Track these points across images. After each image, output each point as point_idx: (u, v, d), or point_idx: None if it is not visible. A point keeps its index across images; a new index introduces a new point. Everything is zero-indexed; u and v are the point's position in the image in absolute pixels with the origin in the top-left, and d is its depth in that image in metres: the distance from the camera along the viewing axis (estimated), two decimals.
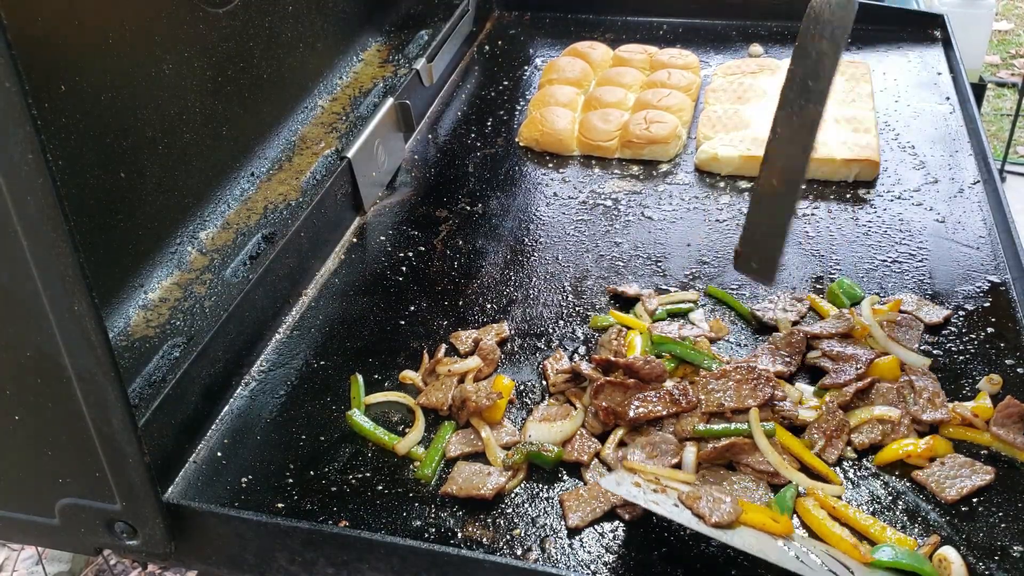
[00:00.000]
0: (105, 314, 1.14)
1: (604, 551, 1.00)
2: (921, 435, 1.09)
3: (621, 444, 1.11)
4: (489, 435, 1.12)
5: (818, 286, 1.34)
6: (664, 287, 1.36)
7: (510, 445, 1.11)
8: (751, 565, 0.97)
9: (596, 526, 1.02)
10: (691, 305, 1.32)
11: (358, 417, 1.15)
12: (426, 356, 1.25)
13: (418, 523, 1.04)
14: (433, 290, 1.39)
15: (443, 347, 1.26)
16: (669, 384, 1.15)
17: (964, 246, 1.40)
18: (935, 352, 1.22)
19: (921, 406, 1.11)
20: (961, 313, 1.28)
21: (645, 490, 0.98)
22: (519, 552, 1.00)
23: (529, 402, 1.19)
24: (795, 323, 1.27)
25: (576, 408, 1.15)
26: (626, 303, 1.34)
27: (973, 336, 1.24)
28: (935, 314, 1.26)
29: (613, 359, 1.15)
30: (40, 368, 0.86)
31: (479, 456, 1.11)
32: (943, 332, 1.25)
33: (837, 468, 1.07)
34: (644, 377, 1.13)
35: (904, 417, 1.10)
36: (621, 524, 1.02)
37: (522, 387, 1.21)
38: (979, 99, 1.80)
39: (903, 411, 1.11)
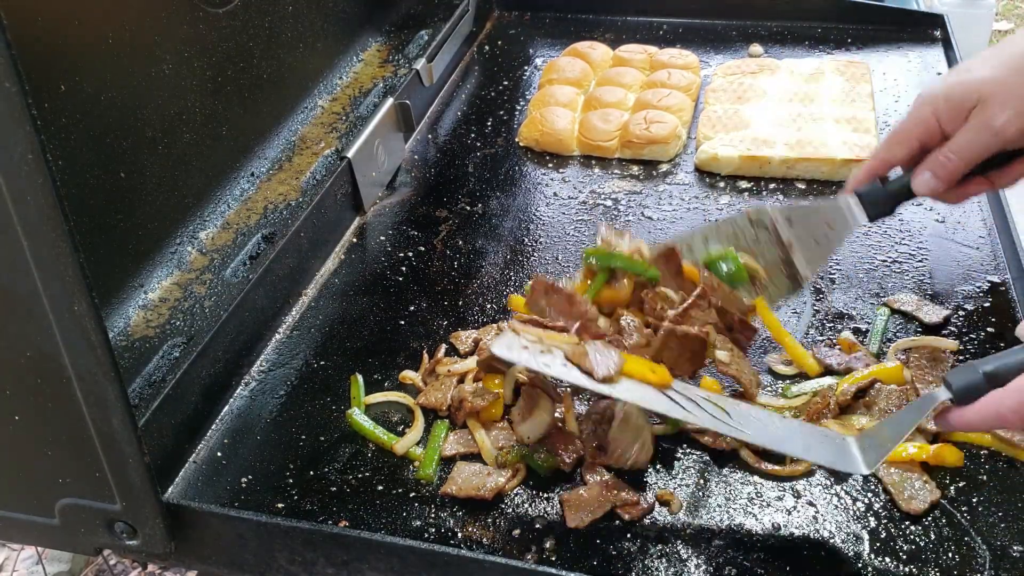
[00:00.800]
0: (105, 314, 1.14)
1: (604, 551, 1.00)
2: (931, 440, 1.09)
3: None
4: (483, 436, 1.12)
5: (818, 286, 1.35)
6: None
7: (506, 446, 1.11)
8: (750, 565, 0.97)
9: (596, 525, 1.02)
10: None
11: (358, 416, 1.15)
12: (426, 356, 1.25)
13: (418, 523, 1.04)
14: (433, 290, 1.39)
15: (443, 347, 1.26)
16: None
17: (964, 246, 1.40)
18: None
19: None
20: (961, 313, 1.28)
21: (533, 353, 0.98)
22: (519, 552, 1.00)
23: None
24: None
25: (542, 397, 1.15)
26: None
27: (973, 336, 1.24)
28: (935, 314, 1.26)
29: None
30: (40, 368, 0.86)
31: (478, 456, 1.12)
32: (943, 332, 1.25)
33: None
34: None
35: None
36: (620, 524, 1.02)
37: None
38: None
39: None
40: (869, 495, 1.04)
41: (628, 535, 1.01)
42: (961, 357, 1.21)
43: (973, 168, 1.04)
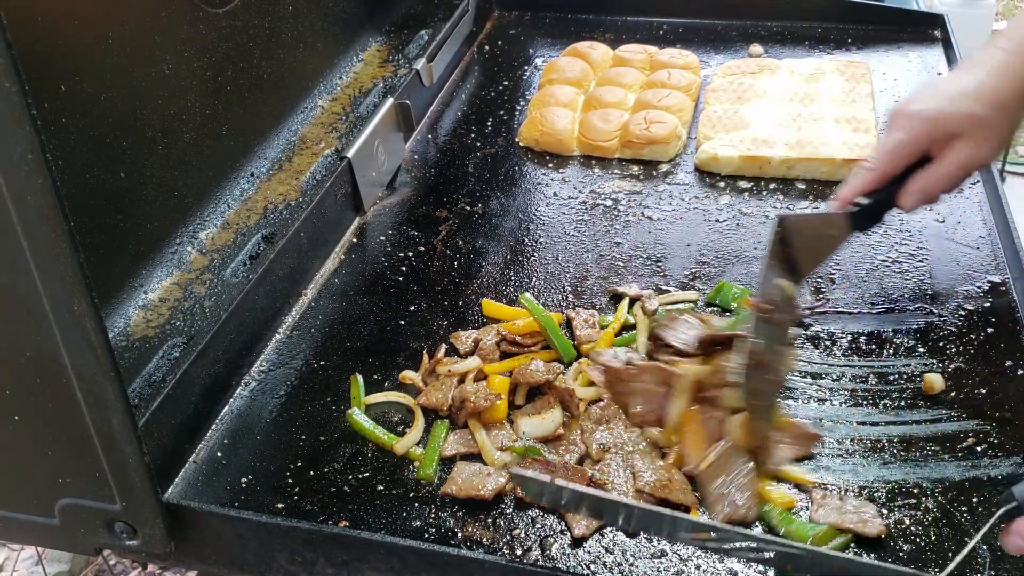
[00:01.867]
0: (105, 314, 1.14)
1: (604, 551, 1.00)
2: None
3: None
4: (484, 437, 1.12)
5: (818, 286, 1.35)
6: (664, 287, 1.36)
7: (508, 446, 1.11)
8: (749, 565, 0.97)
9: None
10: (691, 305, 1.32)
11: (358, 416, 1.15)
12: (425, 356, 1.25)
13: (418, 523, 1.04)
14: (433, 290, 1.39)
15: (443, 347, 1.26)
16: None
17: (964, 246, 1.40)
18: (933, 359, 1.22)
19: None
20: (961, 313, 1.28)
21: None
22: (519, 552, 1.00)
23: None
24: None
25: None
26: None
27: (973, 336, 1.24)
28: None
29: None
30: (40, 368, 0.86)
31: (478, 456, 1.12)
32: (942, 333, 1.25)
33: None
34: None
35: None
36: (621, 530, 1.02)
37: None
38: None
39: None
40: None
41: (628, 535, 1.01)
42: (961, 357, 1.21)
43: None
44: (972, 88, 1.11)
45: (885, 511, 1.02)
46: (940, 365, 1.20)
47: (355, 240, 1.52)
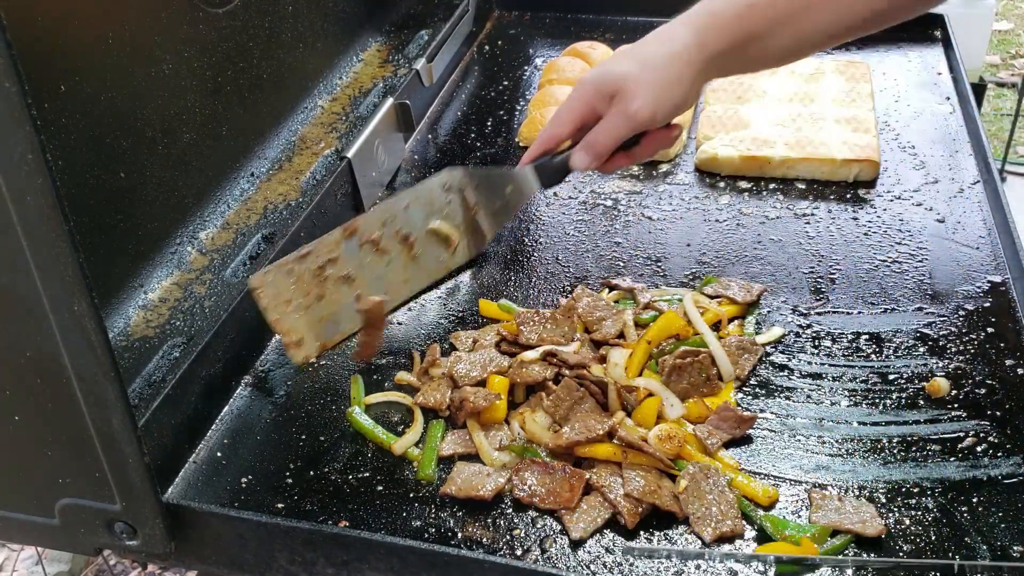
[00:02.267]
0: (105, 314, 1.14)
1: (604, 551, 1.00)
2: None
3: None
4: (481, 438, 1.12)
5: (818, 286, 1.35)
6: (665, 287, 1.36)
7: (506, 446, 1.11)
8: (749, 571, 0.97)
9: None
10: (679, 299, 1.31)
11: (358, 415, 1.15)
12: (417, 356, 1.25)
13: (418, 523, 1.04)
14: (433, 290, 1.39)
15: (436, 347, 1.25)
16: None
17: (964, 246, 1.40)
18: (934, 359, 1.22)
19: None
20: (961, 313, 1.28)
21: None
22: (519, 552, 1.00)
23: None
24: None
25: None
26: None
27: (973, 336, 1.24)
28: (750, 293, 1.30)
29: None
30: (40, 368, 0.86)
31: (477, 456, 1.11)
32: (942, 333, 1.25)
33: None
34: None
35: None
36: (623, 523, 1.02)
37: None
38: (979, 99, 1.79)
39: None
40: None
41: (628, 536, 1.01)
42: (961, 357, 1.21)
43: (618, 145, 1.20)
44: (631, 50, 1.20)
45: (885, 511, 1.02)
46: (940, 365, 1.20)
47: None
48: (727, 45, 1.16)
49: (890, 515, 1.02)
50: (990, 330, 1.25)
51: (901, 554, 0.97)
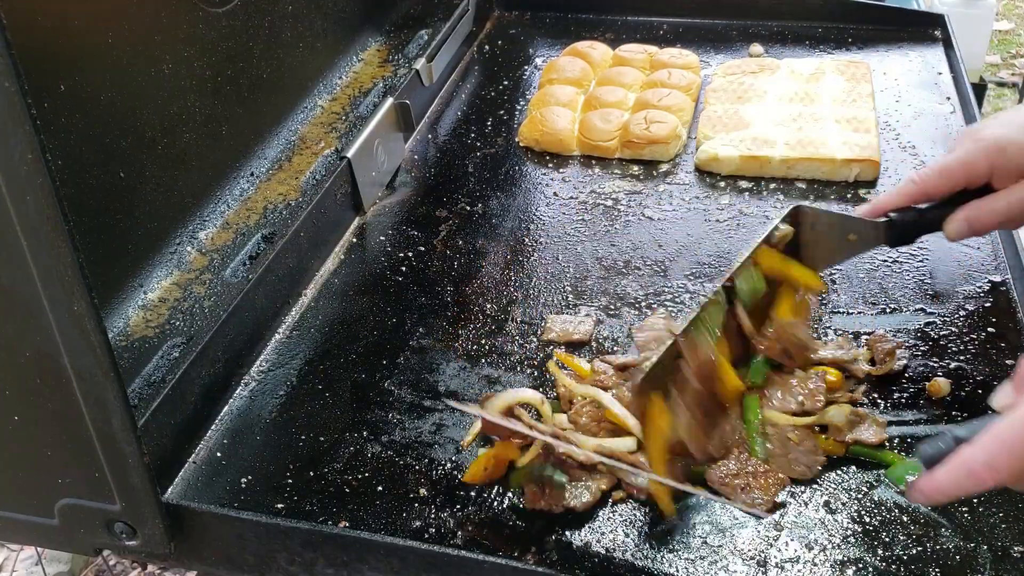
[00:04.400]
0: (105, 314, 1.14)
1: (604, 552, 1.00)
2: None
3: None
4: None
5: None
6: (665, 287, 1.36)
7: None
8: (748, 567, 0.97)
9: (595, 527, 1.02)
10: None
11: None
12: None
13: (418, 523, 1.04)
14: (433, 290, 1.39)
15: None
16: None
17: (964, 246, 1.40)
18: (934, 359, 1.22)
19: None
20: (961, 313, 1.28)
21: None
22: (519, 552, 1.00)
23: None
24: None
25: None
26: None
27: (973, 336, 1.24)
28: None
29: None
30: (40, 368, 0.86)
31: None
32: (942, 333, 1.25)
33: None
34: None
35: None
36: (622, 530, 1.02)
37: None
38: (980, 99, 1.80)
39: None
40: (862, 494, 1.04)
41: (628, 537, 1.01)
42: (962, 357, 1.21)
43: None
44: None
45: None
46: (940, 365, 1.20)
47: (355, 240, 1.52)
48: None
49: (890, 515, 1.02)
50: (991, 330, 1.25)
51: (902, 554, 0.97)
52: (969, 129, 1.06)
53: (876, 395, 1.16)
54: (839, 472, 1.07)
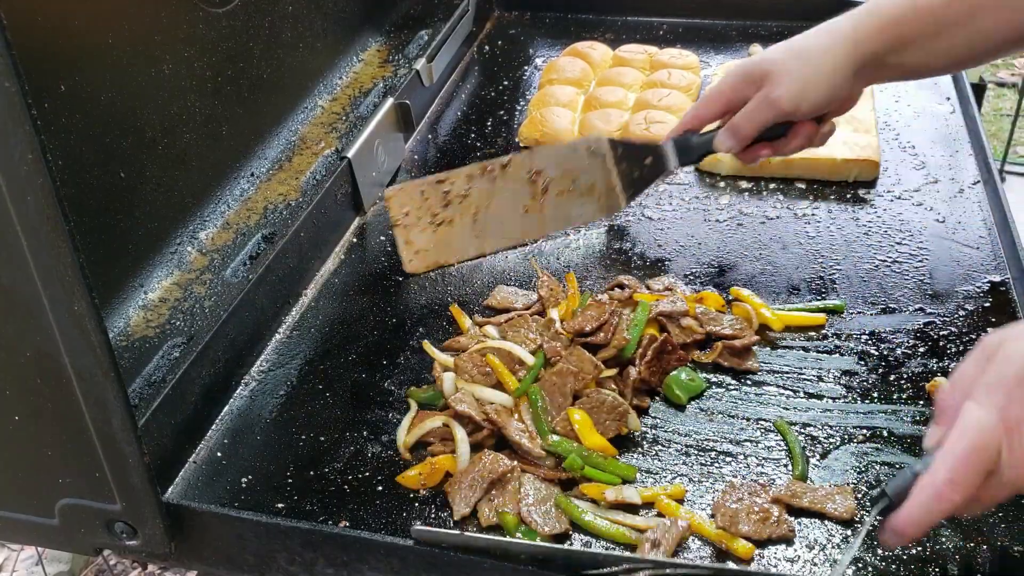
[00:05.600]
0: (105, 314, 1.14)
1: (604, 550, 1.00)
2: None
3: None
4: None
5: (818, 286, 1.35)
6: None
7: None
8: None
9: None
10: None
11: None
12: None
13: (418, 523, 1.04)
14: (433, 290, 1.39)
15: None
16: None
17: (964, 246, 1.40)
18: (933, 361, 1.22)
19: None
20: (961, 313, 1.28)
21: None
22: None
23: None
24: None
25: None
26: None
27: (973, 336, 1.24)
28: None
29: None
30: (40, 368, 0.86)
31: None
32: (942, 333, 1.25)
33: None
34: None
35: None
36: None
37: None
38: (979, 99, 1.79)
39: None
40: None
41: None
42: (962, 357, 1.21)
43: (762, 134, 1.26)
44: (789, 40, 1.23)
45: None
46: (940, 365, 1.20)
47: (355, 240, 1.52)
48: (881, 47, 1.16)
49: None
50: (990, 330, 1.25)
51: (902, 554, 0.97)
52: (738, 62, 1.26)
53: (877, 395, 1.17)
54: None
